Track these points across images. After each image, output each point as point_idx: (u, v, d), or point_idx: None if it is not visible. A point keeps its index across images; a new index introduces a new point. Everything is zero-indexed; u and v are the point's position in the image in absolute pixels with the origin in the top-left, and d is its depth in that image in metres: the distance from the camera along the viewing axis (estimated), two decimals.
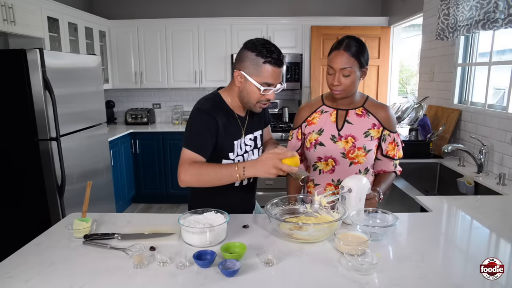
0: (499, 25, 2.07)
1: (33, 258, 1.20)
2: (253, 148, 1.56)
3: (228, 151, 1.47)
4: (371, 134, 1.56)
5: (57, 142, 2.64)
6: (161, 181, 4.40)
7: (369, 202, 1.43)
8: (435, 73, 3.09)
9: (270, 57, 1.35)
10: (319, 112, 1.63)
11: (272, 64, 1.35)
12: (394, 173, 1.67)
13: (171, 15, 4.56)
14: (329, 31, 4.25)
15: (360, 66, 1.47)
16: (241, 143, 1.51)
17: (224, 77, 4.48)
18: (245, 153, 1.53)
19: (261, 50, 1.35)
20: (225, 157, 1.47)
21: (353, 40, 1.48)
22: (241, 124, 1.51)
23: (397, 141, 1.60)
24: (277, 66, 1.37)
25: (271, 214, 1.33)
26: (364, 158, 1.55)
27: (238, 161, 1.50)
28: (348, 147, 1.55)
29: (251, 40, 1.40)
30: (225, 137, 1.44)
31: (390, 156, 1.60)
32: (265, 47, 1.35)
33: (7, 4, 2.64)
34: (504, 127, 2.23)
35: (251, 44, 1.38)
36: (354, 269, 1.08)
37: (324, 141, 1.58)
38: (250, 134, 1.55)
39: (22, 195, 2.67)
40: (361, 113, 1.57)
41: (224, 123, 1.43)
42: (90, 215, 1.44)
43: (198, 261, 1.12)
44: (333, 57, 1.47)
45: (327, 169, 1.60)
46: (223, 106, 1.46)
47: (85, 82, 3.10)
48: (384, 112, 1.57)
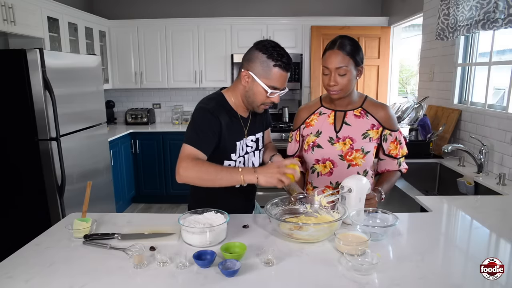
0: (499, 25, 2.07)
1: (33, 258, 1.20)
2: (254, 149, 1.56)
3: (231, 152, 1.46)
4: (369, 136, 1.55)
5: (57, 142, 2.64)
6: (161, 181, 4.40)
7: (369, 202, 1.42)
8: (435, 73, 3.09)
9: (280, 61, 1.34)
10: (317, 114, 1.62)
11: (281, 68, 1.35)
12: (398, 171, 1.65)
13: (171, 15, 4.56)
14: (329, 31, 4.25)
15: (355, 65, 1.46)
16: (243, 144, 1.50)
17: (224, 77, 4.48)
18: (246, 154, 1.53)
19: (272, 53, 1.34)
20: (227, 158, 1.46)
21: (347, 39, 1.47)
22: (243, 125, 1.50)
23: (399, 139, 1.59)
24: (286, 70, 1.37)
25: (271, 214, 1.33)
26: (362, 160, 1.54)
27: (240, 162, 1.50)
28: (346, 149, 1.54)
29: (262, 41, 1.39)
30: (228, 138, 1.43)
31: (393, 156, 1.59)
32: (276, 50, 1.35)
33: (7, 4, 2.64)
34: (504, 127, 2.23)
35: (262, 45, 1.37)
36: (354, 269, 1.08)
37: (321, 143, 1.57)
38: (252, 135, 1.54)
39: (22, 195, 2.67)
40: (360, 114, 1.56)
41: (227, 123, 1.42)
42: (90, 215, 1.44)
43: (198, 261, 1.12)
44: (328, 57, 1.46)
45: (325, 171, 1.60)
46: (226, 106, 1.45)
47: (85, 82, 3.10)
48: (383, 111, 1.56)
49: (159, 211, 4.25)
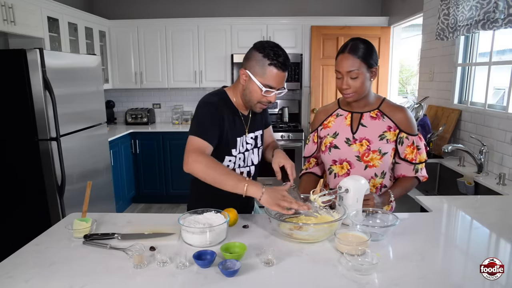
0: (499, 25, 2.07)
1: (33, 258, 1.20)
2: (253, 147, 1.58)
3: (231, 147, 1.49)
4: (386, 137, 1.52)
5: (57, 142, 2.64)
6: (161, 181, 4.40)
7: (366, 203, 1.41)
8: (435, 73, 3.09)
9: (276, 60, 1.36)
10: (334, 116, 1.62)
11: (277, 67, 1.37)
12: (416, 179, 1.59)
13: (171, 15, 4.56)
14: (329, 31, 4.25)
15: (368, 67, 1.45)
16: (243, 140, 1.53)
17: (224, 77, 4.48)
18: (246, 151, 1.55)
19: (268, 52, 1.36)
20: (228, 153, 1.49)
21: (359, 41, 1.46)
22: (244, 122, 1.53)
23: (418, 144, 1.54)
24: (282, 70, 1.38)
25: (271, 214, 1.33)
26: (379, 161, 1.52)
27: (240, 158, 1.52)
28: (363, 150, 1.53)
29: (261, 41, 1.43)
30: (229, 132, 1.47)
31: (409, 160, 1.55)
32: (272, 50, 1.37)
33: (7, 4, 2.64)
34: (504, 127, 2.23)
35: (260, 45, 1.40)
36: (354, 269, 1.08)
37: (338, 144, 1.57)
38: (252, 133, 1.57)
39: (22, 195, 2.67)
40: (376, 115, 1.54)
41: (229, 118, 1.46)
42: (90, 215, 1.44)
43: (198, 261, 1.12)
44: (339, 61, 1.47)
45: (342, 172, 1.58)
46: (228, 103, 1.49)
47: (85, 82, 3.10)
48: (401, 114, 1.53)
49: (159, 211, 4.25)
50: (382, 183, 1.58)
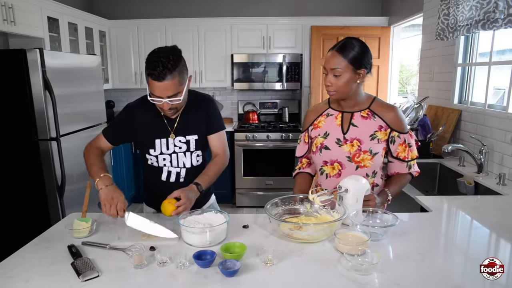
0: (499, 25, 2.07)
1: (33, 258, 1.20)
2: (185, 150, 1.58)
3: (148, 147, 1.57)
4: (377, 137, 1.52)
5: (57, 142, 2.64)
6: None
7: (367, 203, 1.41)
8: (435, 73, 3.09)
9: (151, 71, 1.35)
10: (324, 116, 1.62)
11: (152, 77, 1.36)
12: (409, 175, 1.61)
13: (171, 15, 4.55)
14: (329, 31, 4.24)
15: (355, 68, 1.44)
16: (168, 143, 1.56)
17: (224, 77, 4.48)
18: (174, 153, 1.57)
19: (148, 63, 1.37)
20: (147, 153, 1.58)
21: (353, 41, 1.46)
22: (168, 125, 1.56)
23: (409, 142, 1.55)
24: (157, 81, 1.36)
25: (271, 214, 1.33)
26: (370, 161, 1.52)
27: (164, 159, 1.58)
28: (354, 151, 1.53)
29: (154, 49, 1.41)
30: (144, 133, 1.56)
31: (401, 158, 1.56)
32: (152, 60, 1.36)
33: (7, 4, 2.64)
34: (504, 127, 2.23)
35: (150, 53, 1.40)
36: (354, 269, 1.08)
37: (329, 145, 1.56)
38: (182, 136, 1.57)
39: (22, 195, 2.67)
40: (367, 115, 1.54)
41: (144, 120, 1.55)
42: (90, 215, 1.44)
43: (198, 261, 1.12)
44: (327, 57, 1.49)
45: (334, 173, 1.58)
46: (151, 106, 1.50)
47: (85, 82, 3.10)
48: (391, 113, 1.53)
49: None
50: (374, 182, 1.59)
